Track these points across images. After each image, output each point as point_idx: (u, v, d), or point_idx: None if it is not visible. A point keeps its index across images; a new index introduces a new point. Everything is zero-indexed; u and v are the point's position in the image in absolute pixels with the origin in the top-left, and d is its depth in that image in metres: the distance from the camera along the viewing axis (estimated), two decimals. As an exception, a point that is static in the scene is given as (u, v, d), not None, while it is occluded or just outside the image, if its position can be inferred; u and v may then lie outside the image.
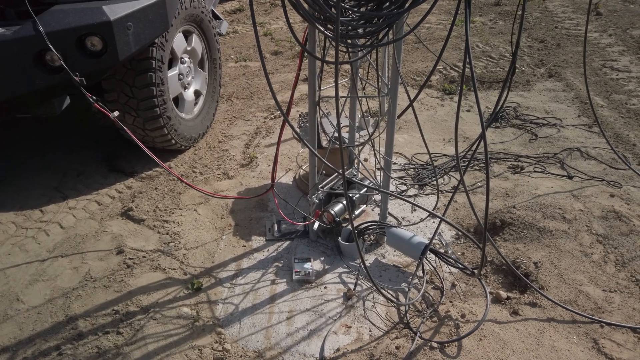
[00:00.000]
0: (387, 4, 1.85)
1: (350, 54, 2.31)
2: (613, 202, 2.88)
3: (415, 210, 2.96)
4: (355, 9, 1.86)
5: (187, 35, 3.50)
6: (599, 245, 2.55)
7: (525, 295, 2.29)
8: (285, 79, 5.03)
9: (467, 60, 1.66)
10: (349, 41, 1.94)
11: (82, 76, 2.40)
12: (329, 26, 1.90)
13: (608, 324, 2.11)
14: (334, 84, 1.80)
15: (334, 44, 1.70)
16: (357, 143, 2.69)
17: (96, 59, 2.50)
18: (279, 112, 4.35)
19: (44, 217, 2.87)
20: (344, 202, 2.63)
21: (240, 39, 6.33)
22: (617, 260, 2.46)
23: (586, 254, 2.49)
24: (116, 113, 2.46)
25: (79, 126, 3.97)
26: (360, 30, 1.91)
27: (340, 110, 2.31)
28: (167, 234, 2.71)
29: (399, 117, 2.25)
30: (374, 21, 1.87)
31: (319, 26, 1.77)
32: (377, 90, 2.46)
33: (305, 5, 1.85)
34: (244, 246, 2.66)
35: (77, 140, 3.75)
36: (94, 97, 2.37)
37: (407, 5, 1.83)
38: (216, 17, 5.11)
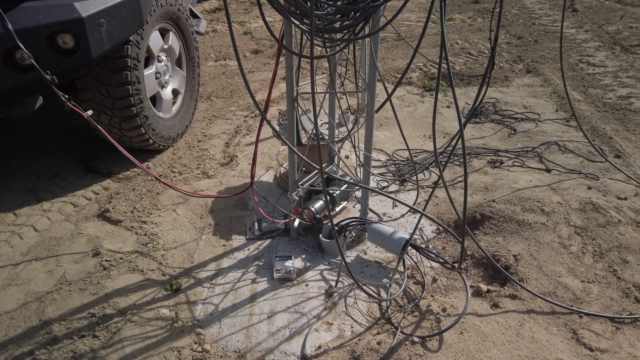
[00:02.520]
0: (362, -3, 1.84)
1: (328, 49, 2.29)
2: (590, 194, 2.91)
3: (396, 206, 2.95)
4: (331, 2, 1.84)
5: (163, 33, 3.45)
6: (577, 236, 2.58)
7: (506, 287, 2.30)
8: (265, 78, 4.99)
9: (444, 56, 1.66)
10: (325, 35, 1.92)
11: (54, 74, 2.33)
12: (305, 21, 1.89)
13: (587, 314, 2.13)
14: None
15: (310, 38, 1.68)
16: (336, 139, 2.67)
17: (68, 56, 2.44)
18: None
19: (17, 220, 2.79)
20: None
21: (219, 37, 6.27)
22: (595, 251, 2.49)
23: (564, 245, 2.52)
24: (90, 112, 2.40)
25: (54, 126, 3.89)
26: (337, 25, 1.89)
27: (318, 107, 2.29)
28: (145, 234, 2.66)
29: (376, 111, 2.24)
30: (350, 15, 1.86)
31: (294, 20, 1.75)
32: (355, 86, 2.45)
33: (281, 0, 1.83)
34: (224, 245, 2.62)
35: (51, 140, 3.66)
36: (67, 96, 2.31)
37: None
38: (195, 16, 5.05)
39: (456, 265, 2.30)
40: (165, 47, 3.46)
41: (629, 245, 2.51)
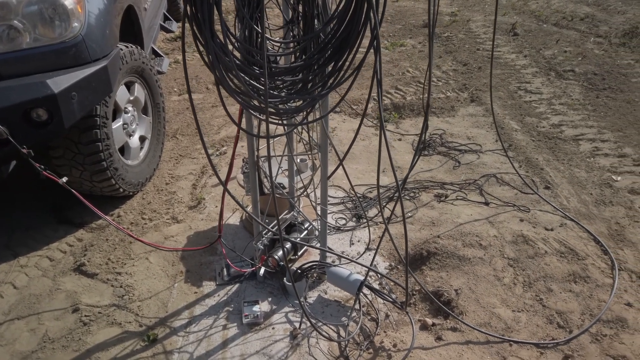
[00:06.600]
0: (311, 84, 2.13)
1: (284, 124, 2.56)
2: (522, 226, 3.30)
3: (353, 244, 3.25)
4: (280, 90, 2.12)
5: (129, 85, 3.63)
6: (509, 268, 2.94)
7: (448, 320, 2.63)
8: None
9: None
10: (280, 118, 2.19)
11: (30, 147, 2.51)
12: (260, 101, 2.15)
13: (515, 342, 2.49)
14: (273, 142, 2.05)
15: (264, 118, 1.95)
16: (296, 195, 2.95)
17: (42, 128, 2.62)
18: (224, 148, 4.54)
19: (-5, 277, 2.94)
20: (288, 246, 2.89)
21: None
22: (525, 281, 2.86)
23: (499, 278, 2.87)
24: (65, 179, 2.60)
25: (22, 176, 3.99)
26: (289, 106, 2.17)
27: (275, 175, 2.55)
28: (121, 286, 2.85)
29: (329, 177, 2.53)
30: (300, 101, 2.14)
31: (252, 112, 2.01)
32: (310, 145, 2.74)
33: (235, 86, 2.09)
34: (196, 292, 2.85)
35: (21, 191, 3.78)
36: (42, 166, 2.50)
37: (328, 85, 2.12)
38: (157, 55, 5.22)
39: (404, 305, 2.62)
40: (132, 98, 3.65)
41: (553, 274, 2.89)
